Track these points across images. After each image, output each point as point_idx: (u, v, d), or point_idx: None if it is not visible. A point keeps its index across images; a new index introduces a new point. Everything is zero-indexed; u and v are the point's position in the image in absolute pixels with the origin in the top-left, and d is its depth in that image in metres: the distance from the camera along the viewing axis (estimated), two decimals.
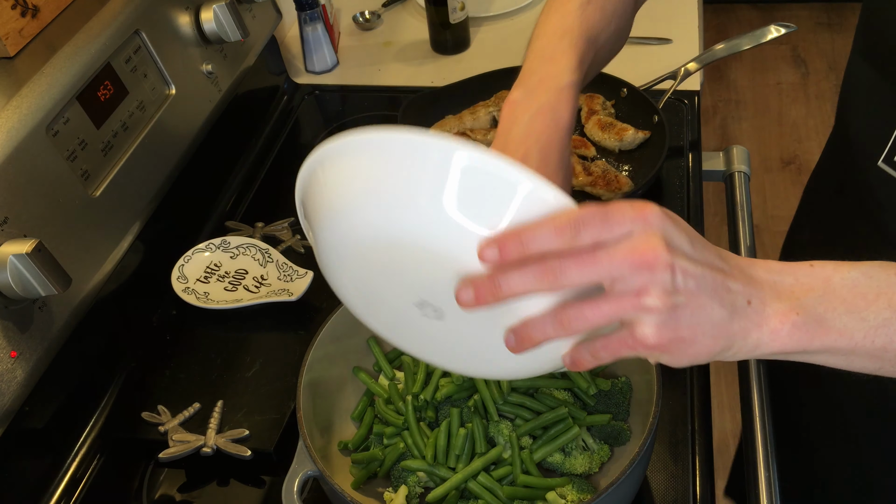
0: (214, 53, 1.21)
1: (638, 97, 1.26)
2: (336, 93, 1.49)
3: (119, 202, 1.00)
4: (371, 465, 0.83)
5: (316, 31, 1.47)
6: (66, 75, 0.92)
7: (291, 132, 1.41)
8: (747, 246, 1.12)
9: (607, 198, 1.14)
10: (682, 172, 1.20)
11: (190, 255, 1.09)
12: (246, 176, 1.31)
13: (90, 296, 0.94)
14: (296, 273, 1.05)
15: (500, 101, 1.31)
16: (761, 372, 0.96)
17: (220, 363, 0.98)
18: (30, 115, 0.87)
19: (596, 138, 1.25)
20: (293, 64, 1.55)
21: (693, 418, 0.90)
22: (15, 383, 0.83)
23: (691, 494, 0.83)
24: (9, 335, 0.82)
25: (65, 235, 0.90)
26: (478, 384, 0.83)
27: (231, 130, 1.29)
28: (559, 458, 0.82)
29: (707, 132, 3.00)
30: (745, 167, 1.25)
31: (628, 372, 0.86)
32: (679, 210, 1.14)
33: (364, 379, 0.90)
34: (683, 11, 1.55)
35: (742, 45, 1.24)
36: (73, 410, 0.95)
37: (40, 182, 0.87)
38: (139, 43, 1.05)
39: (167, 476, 0.92)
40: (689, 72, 1.28)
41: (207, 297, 1.04)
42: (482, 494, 0.78)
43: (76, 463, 0.93)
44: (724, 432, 2.14)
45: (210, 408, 0.93)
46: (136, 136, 1.03)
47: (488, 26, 1.61)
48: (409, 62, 1.54)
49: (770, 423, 0.92)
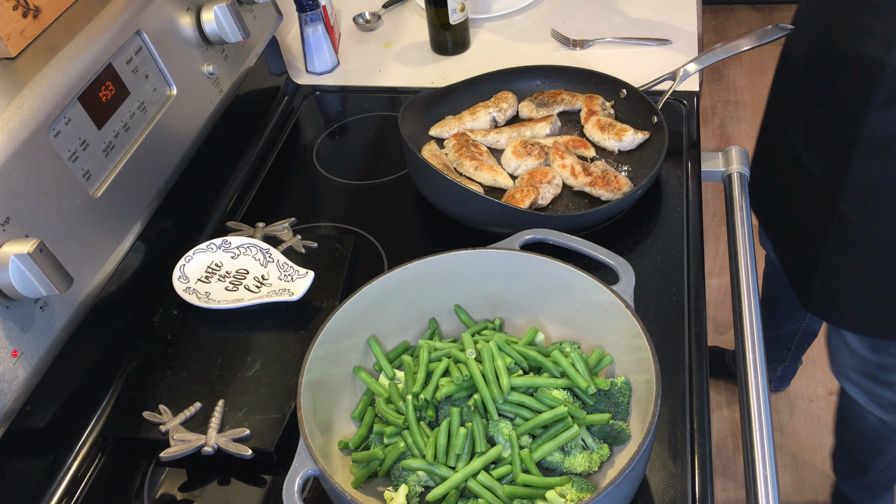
0: (215, 54, 1.21)
1: (637, 98, 1.27)
2: (336, 93, 1.50)
3: (120, 202, 1.00)
4: (371, 464, 0.83)
5: (316, 31, 1.47)
6: (68, 76, 0.92)
7: (292, 133, 1.42)
8: (746, 246, 1.13)
9: (607, 198, 1.15)
10: (682, 173, 1.21)
11: (191, 255, 1.09)
12: (247, 176, 1.31)
13: (91, 295, 0.95)
14: (296, 273, 1.05)
15: (499, 101, 1.31)
16: (760, 371, 0.97)
17: (221, 363, 0.99)
18: (31, 116, 0.87)
19: (595, 139, 1.25)
20: (294, 65, 1.55)
21: (692, 418, 0.90)
22: (16, 383, 0.83)
23: (690, 493, 0.84)
24: (10, 335, 0.82)
25: (66, 235, 0.91)
26: (478, 384, 0.83)
27: (232, 131, 1.29)
28: (559, 458, 0.82)
29: (706, 133, 3.00)
30: (744, 168, 1.26)
31: (628, 372, 0.86)
32: (678, 210, 1.15)
33: (364, 378, 0.90)
34: (682, 12, 1.56)
35: (741, 45, 1.24)
36: (75, 410, 0.95)
37: (42, 182, 0.88)
38: (140, 44, 1.06)
39: (168, 475, 0.92)
40: (688, 73, 1.28)
41: (208, 297, 1.05)
42: (482, 493, 0.78)
43: (77, 462, 0.93)
44: (723, 432, 2.14)
45: (211, 407, 0.93)
46: (137, 137, 1.04)
47: (488, 27, 1.61)
48: (410, 63, 1.54)
49: (770, 423, 0.92)
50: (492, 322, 0.96)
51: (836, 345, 1.53)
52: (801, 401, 2.19)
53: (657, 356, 0.78)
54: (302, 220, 1.21)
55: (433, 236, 1.18)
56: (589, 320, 0.90)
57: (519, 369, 0.87)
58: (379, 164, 1.32)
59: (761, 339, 1.01)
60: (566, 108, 1.31)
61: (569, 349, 0.88)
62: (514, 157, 1.21)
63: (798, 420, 2.15)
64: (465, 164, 1.20)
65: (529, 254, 0.91)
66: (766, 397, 0.95)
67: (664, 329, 0.99)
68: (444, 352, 0.88)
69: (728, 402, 2.20)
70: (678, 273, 1.06)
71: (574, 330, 0.92)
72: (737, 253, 1.12)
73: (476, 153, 1.22)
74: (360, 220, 1.21)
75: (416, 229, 1.21)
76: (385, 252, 1.15)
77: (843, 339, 1.49)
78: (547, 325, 0.94)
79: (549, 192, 1.16)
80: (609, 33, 1.52)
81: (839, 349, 1.52)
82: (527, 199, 1.12)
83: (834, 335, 1.53)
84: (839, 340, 1.51)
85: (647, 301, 1.02)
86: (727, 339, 2.32)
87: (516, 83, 1.35)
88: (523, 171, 1.20)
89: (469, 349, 0.87)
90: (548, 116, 1.29)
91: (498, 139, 1.27)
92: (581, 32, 1.54)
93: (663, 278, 1.06)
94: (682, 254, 1.09)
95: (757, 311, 1.03)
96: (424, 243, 1.18)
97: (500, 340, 0.88)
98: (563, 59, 1.47)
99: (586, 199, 1.17)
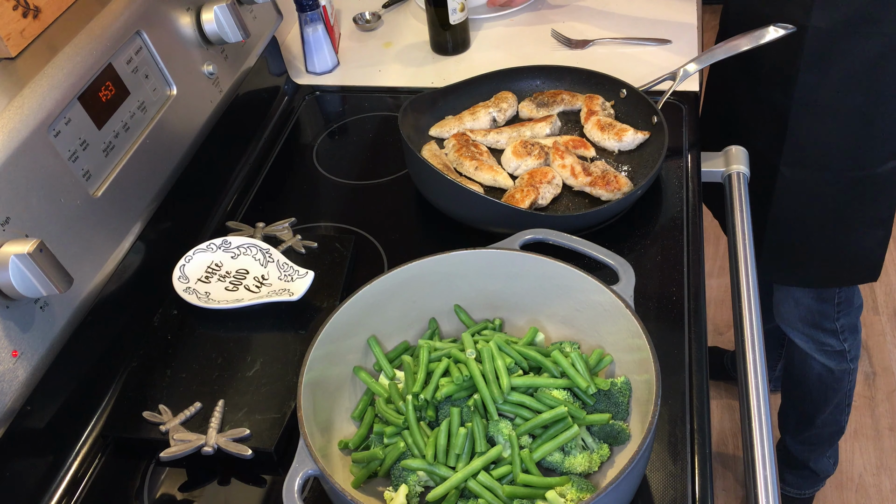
0: (215, 54, 1.21)
1: (637, 98, 1.27)
2: (336, 94, 1.50)
3: (120, 202, 1.00)
4: (371, 464, 0.83)
5: (316, 32, 1.47)
6: (68, 76, 0.92)
7: (292, 133, 1.42)
8: (746, 246, 1.13)
9: (607, 198, 1.15)
10: (682, 173, 1.21)
11: (191, 255, 1.09)
12: (247, 176, 1.31)
13: (91, 295, 0.95)
14: (296, 273, 1.05)
15: (499, 101, 1.31)
16: (760, 371, 0.97)
17: (221, 363, 0.99)
18: (31, 116, 0.87)
19: (595, 139, 1.25)
20: (294, 65, 1.55)
21: (692, 418, 0.90)
22: (16, 383, 0.83)
23: (690, 493, 0.84)
24: (10, 335, 0.82)
25: (66, 235, 0.91)
26: (478, 384, 0.83)
27: (232, 131, 1.29)
28: (559, 458, 0.82)
29: None
30: (744, 167, 1.26)
31: (628, 372, 0.86)
32: (678, 210, 1.15)
33: (364, 378, 0.90)
34: (682, 12, 1.56)
35: (741, 45, 1.24)
36: (75, 410, 0.95)
37: (42, 182, 0.88)
38: (140, 44, 1.06)
39: (168, 475, 0.92)
40: (688, 73, 1.28)
41: (208, 297, 1.05)
42: (482, 493, 0.78)
43: (77, 462, 0.93)
44: (723, 432, 2.14)
45: (211, 407, 0.93)
46: (137, 137, 1.04)
47: (488, 27, 1.62)
48: (410, 63, 1.55)
49: (770, 423, 0.92)
50: (492, 322, 0.96)
51: (780, 298, 1.62)
52: None
53: (657, 356, 0.78)
54: (302, 220, 1.21)
55: (433, 236, 1.18)
56: (589, 320, 0.90)
57: (519, 369, 0.87)
58: (379, 164, 1.32)
59: (761, 339, 1.01)
60: (566, 108, 1.31)
61: (569, 349, 0.88)
62: (514, 157, 1.21)
63: None
64: (465, 164, 1.20)
65: (529, 254, 0.91)
66: (766, 397, 0.95)
67: (664, 329, 0.99)
68: (444, 352, 0.88)
69: (728, 402, 2.20)
70: (678, 273, 1.06)
71: (574, 330, 0.92)
72: (737, 253, 1.12)
73: (476, 153, 1.22)
74: (360, 220, 1.21)
75: (416, 229, 1.21)
76: (385, 252, 1.15)
77: (788, 293, 1.59)
78: (547, 325, 0.94)
79: (549, 192, 1.16)
80: (609, 33, 1.52)
81: (784, 301, 1.61)
82: (527, 199, 1.12)
83: (779, 290, 1.62)
84: (784, 293, 1.61)
85: (647, 301, 1.02)
86: (727, 339, 2.32)
87: (516, 83, 1.35)
88: (523, 171, 1.20)
89: (469, 349, 0.87)
90: (548, 116, 1.29)
91: (498, 139, 1.27)
92: (581, 32, 1.54)
93: (663, 278, 1.06)
94: (682, 254, 1.09)
95: (757, 311, 1.03)
96: (424, 243, 1.18)
97: (500, 340, 0.88)
98: (563, 59, 1.47)
99: (586, 199, 1.17)
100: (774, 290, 1.64)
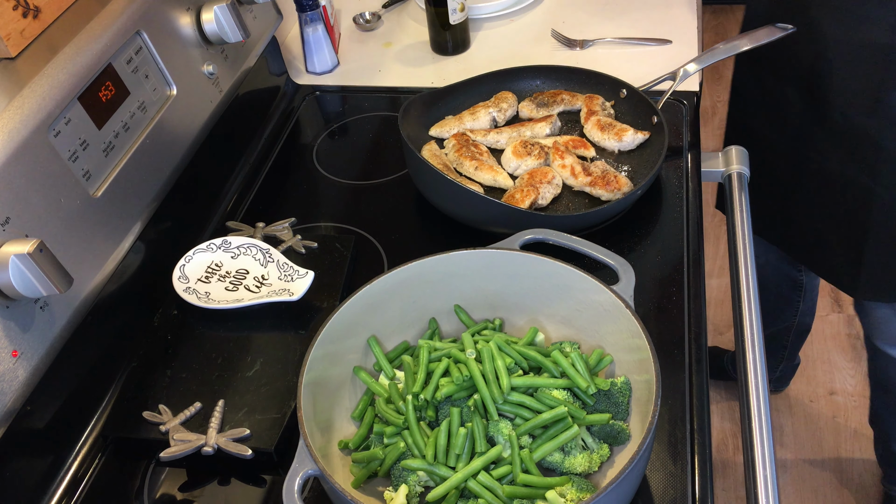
0: (215, 54, 1.21)
1: (637, 98, 1.27)
2: (336, 93, 1.50)
3: (120, 202, 1.00)
4: (371, 464, 0.83)
5: (316, 32, 1.47)
6: (68, 76, 0.92)
7: (292, 133, 1.42)
8: (746, 246, 1.13)
9: (607, 198, 1.15)
10: (681, 173, 1.21)
11: (191, 255, 1.09)
12: (247, 176, 1.31)
13: (91, 295, 0.95)
14: (296, 273, 1.05)
15: (499, 101, 1.31)
16: (760, 372, 0.97)
17: (221, 363, 0.99)
18: (31, 116, 0.87)
19: (595, 139, 1.25)
20: (294, 65, 1.55)
21: (692, 418, 0.90)
22: (16, 383, 0.83)
23: (690, 494, 0.84)
24: (10, 335, 0.82)
25: (66, 235, 0.91)
26: (478, 384, 0.83)
27: (232, 131, 1.29)
28: (559, 458, 0.82)
29: (706, 133, 3.00)
30: (744, 167, 1.26)
31: (628, 372, 0.86)
32: (678, 210, 1.15)
33: (364, 378, 0.90)
34: (682, 12, 1.56)
35: (741, 45, 1.24)
36: (75, 410, 0.95)
37: (42, 182, 0.88)
38: (140, 44, 1.06)
39: (168, 475, 0.92)
40: (688, 73, 1.28)
41: (208, 297, 1.05)
42: (482, 493, 0.78)
43: (77, 462, 0.93)
44: (723, 432, 2.14)
45: (211, 407, 0.93)
46: (137, 137, 1.04)
47: (488, 27, 1.62)
48: (410, 63, 1.55)
49: (770, 423, 0.92)
50: (492, 322, 0.96)
51: (883, 317, 1.59)
52: (800, 401, 2.19)
53: (657, 356, 0.78)
54: (302, 220, 1.21)
55: (433, 236, 1.18)
56: (589, 320, 0.90)
57: (519, 369, 0.87)
58: (379, 164, 1.32)
59: (761, 339, 1.01)
60: (566, 108, 1.31)
61: (569, 349, 0.88)
62: (514, 157, 1.21)
63: (798, 420, 2.15)
64: (465, 164, 1.20)
65: (529, 254, 0.91)
66: (766, 397, 0.95)
67: (664, 329, 0.99)
68: (444, 352, 0.88)
69: (728, 403, 2.20)
70: (678, 273, 1.06)
71: (574, 330, 0.92)
72: (737, 253, 1.12)
73: (476, 153, 1.22)
74: (360, 220, 1.21)
75: (416, 229, 1.21)
76: (385, 252, 1.15)
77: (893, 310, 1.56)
78: (547, 325, 0.94)
79: (549, 192, 1.16)
80: (609, 33, 1.52)
81: (890, 320, 1.58)
82: (527, 199, 1.12)
83: (879, 308, 1.58)
84: (889, 312, 1.57)
85: (647, 301, 1.02)
86: (727, 339, 2.32)
87: (516, 83, 1.35)
88: (523, 171, 1.20)
89: (469, 349, 0.87)
90: (548, 116, 1.29)
91: (498, 139, 1.27)
92: (581, 32, 1.54)
93: (663, 278, 1.06)
94: (682, 254, 1.09)
95: (757, 312, 1.04)
96: (424, 243, 1.18)
97: (500, 340, 0.88)
98: (563, 59, 1.47)
99: (586, 199, 1.17)
100: (873, 311, 1.61)
